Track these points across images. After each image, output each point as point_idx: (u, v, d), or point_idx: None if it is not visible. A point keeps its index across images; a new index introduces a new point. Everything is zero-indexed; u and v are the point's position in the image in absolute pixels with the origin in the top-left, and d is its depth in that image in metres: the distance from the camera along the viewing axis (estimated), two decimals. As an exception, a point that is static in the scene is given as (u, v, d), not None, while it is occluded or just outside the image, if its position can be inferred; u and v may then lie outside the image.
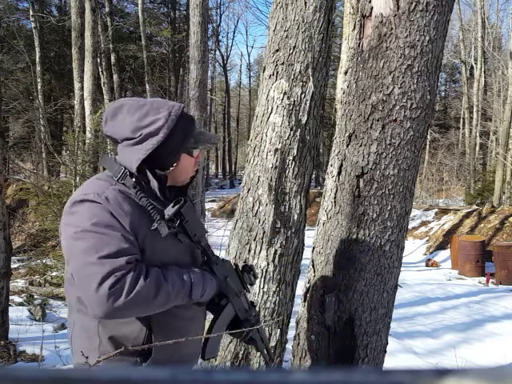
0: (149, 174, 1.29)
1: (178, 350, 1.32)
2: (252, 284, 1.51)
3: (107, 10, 18.24)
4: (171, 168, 1.34)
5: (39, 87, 15.79)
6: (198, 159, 1.41)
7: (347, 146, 1.91)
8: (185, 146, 1.33)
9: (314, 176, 19.31)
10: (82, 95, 9.51)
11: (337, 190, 1.95)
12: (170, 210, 1.26)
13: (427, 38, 1.76)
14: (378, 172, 1.84)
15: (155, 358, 1.27)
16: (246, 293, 1.50)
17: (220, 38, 31.00)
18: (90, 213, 1.18)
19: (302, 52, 2.26)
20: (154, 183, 1.28)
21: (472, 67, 23.39)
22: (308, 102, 2.29)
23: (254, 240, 2.27)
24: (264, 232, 2.25)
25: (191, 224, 1.31)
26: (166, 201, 1.32)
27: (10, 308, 4.57)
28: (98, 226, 1.17)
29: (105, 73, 15.75)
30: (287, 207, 2.29)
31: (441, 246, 11.08)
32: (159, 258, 1.27)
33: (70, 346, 1.37)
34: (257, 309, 2.28)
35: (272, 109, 2.30)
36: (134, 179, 1.27)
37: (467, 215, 11.74)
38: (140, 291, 1.15)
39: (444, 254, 10.66)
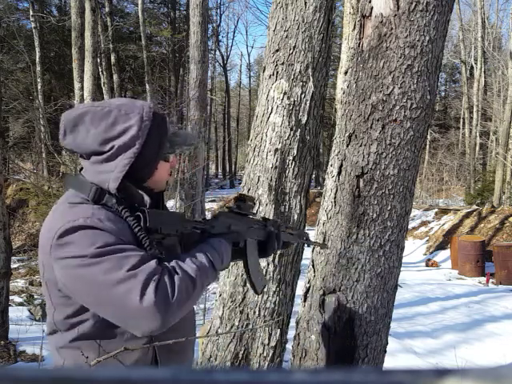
0: (141, 192, 1.16)
1: (180, 361, 1.29)
2: (253, 206, 1.42)
3: (107, 9, 18.25)
4: (148, 180, 1.20)
5: (39, 87, 15.78)
6: (173, 164, 1.27)
7: (347, 146, 1.90)
8: (161, 152, 1.19)
9: (314, 176, 19.30)
10: (82, 95, 9.50)
11: (337, 190, 1.95)
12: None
13: (427, 37, 1.76)
14: (378, 172, 1.84)
15: None
16: (254, 216, 1.42)
17: (220, 38, 30.99)
18: (89, 239, 1.04)
19: (302, 52, 2.26)
20: (147, 199, 1.16)
21: (472, 67, 23.38)
22: (308, 102, 2.29)
23: (254, 240, 2.27)
24: (264, 232, 2.25)
25: (168, 240, 1.16)
26: None
27: (10, 308, 4.58)
28: (106, 246, 1.04)
29: (105, 73, 15.75)
30: (287, 207, 2.29)
31: (441, 246, 11.09)
32: None
33: None
34: (256, 309, 2.28)
35: (272, 109, 2.30)
36: (114, 199, 1.11)
37: (467, 215, 11.75)
38: (180, 286, 1.06)
39: (444, 253, 10.67)
